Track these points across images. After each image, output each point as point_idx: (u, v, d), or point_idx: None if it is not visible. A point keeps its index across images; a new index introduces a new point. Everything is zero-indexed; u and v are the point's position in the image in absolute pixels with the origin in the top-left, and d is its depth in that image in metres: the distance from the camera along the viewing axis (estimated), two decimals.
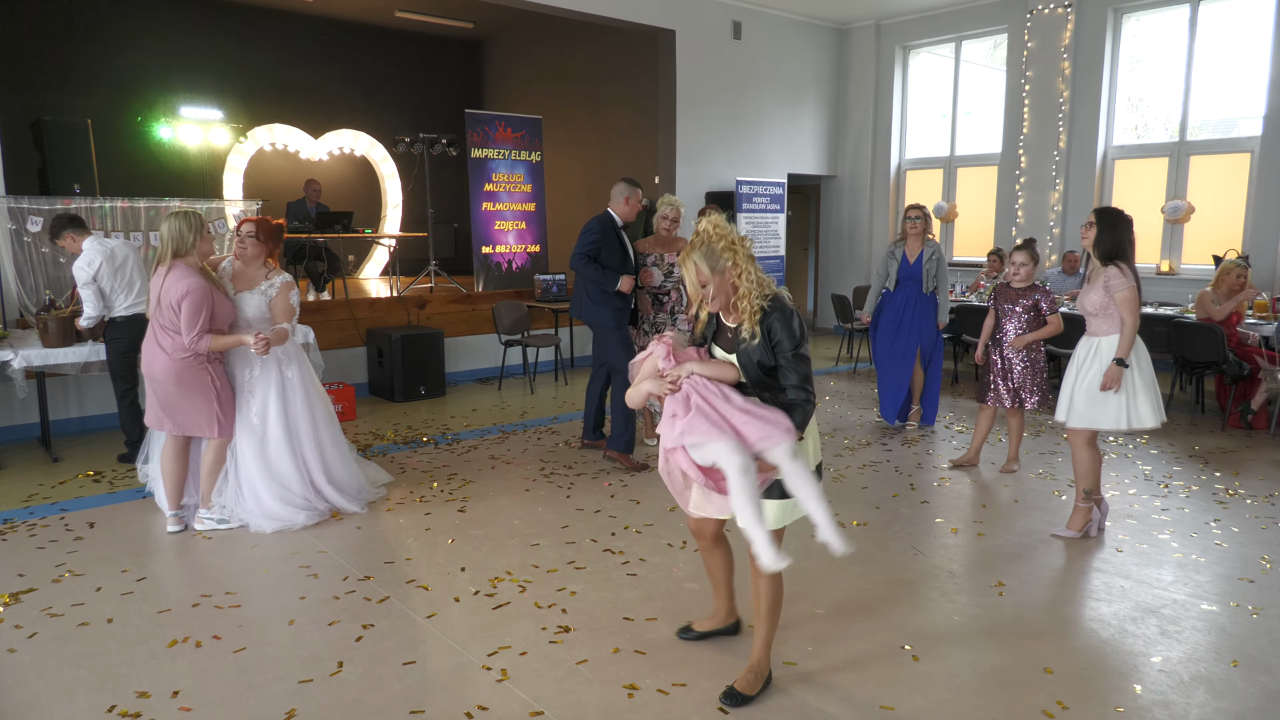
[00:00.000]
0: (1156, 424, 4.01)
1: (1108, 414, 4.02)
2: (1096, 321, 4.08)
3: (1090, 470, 4.16)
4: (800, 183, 11.93)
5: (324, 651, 3.13)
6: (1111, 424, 4.02)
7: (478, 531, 4.35)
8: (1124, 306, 3.95)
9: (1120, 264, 3.98)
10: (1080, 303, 4.16)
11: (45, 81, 10.16)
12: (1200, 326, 6.46)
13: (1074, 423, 4.13)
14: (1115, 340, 4.00)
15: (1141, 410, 4.00)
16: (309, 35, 12.13)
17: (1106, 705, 2.78)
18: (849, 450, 5.89)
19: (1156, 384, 4.06)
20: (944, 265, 6.16)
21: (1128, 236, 4.00)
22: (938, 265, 6.12)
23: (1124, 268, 3.97)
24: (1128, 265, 3.99)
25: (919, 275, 6.13)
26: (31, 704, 2.81)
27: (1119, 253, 3.99)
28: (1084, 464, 4.18)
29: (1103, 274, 4.00)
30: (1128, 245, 4.00)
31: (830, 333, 11.70)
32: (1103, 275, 4.00)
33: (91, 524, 4.45)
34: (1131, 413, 3.99)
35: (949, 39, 10.86)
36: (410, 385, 7.49)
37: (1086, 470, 4.17)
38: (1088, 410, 4.07)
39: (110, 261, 5.22)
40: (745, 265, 2.61)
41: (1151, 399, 4.01)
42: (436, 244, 9.66)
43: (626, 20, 9.36)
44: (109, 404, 6.15)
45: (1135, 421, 3.99)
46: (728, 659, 3.06)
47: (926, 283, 6.12)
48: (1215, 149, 8.85)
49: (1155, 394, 4.04)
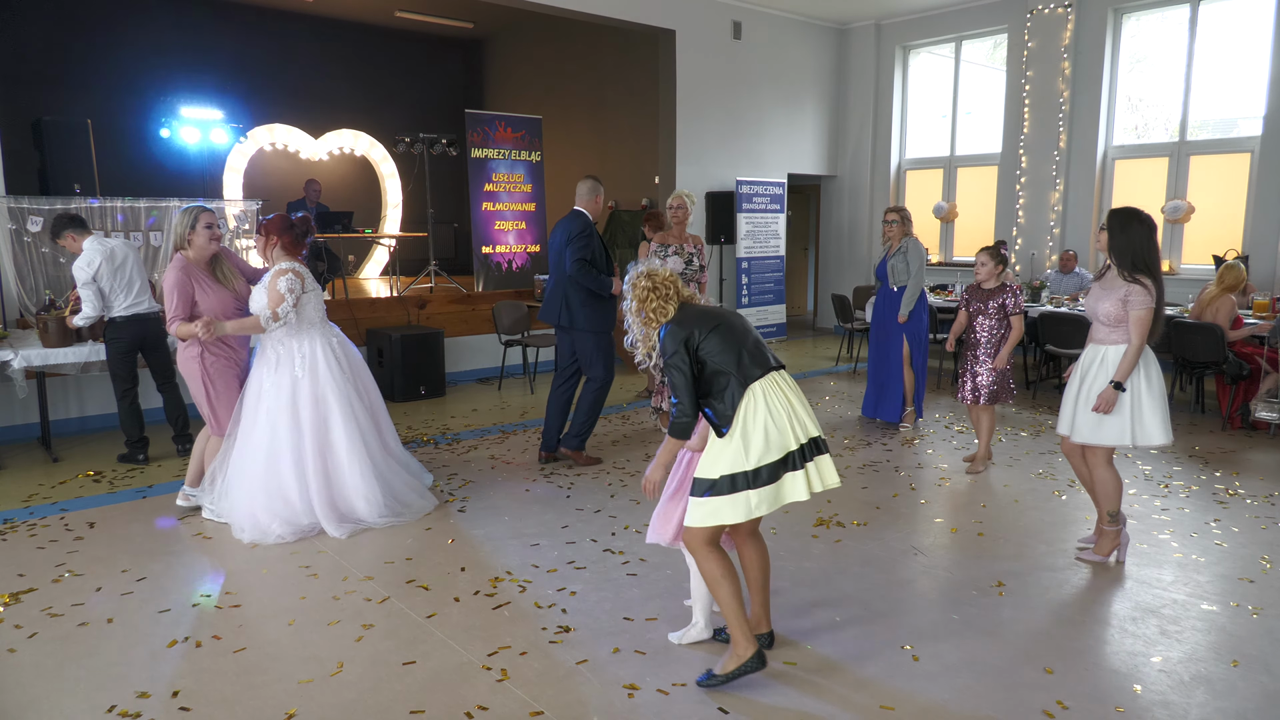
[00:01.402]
0: (1165, 441, 3.74)
1: (1111, 430, 3.77)
2: (1105, 330, 3.80)
3: (1114, 491, 3.88)
4: (800, 183, 11.94)
5: (324, 651, 3.13)
6: (1114, 440, 3.77)
7: (478, 531, 4.35)
8: (1136, 325, 3.66)
9: (1144, 278, 3.64)
10: (1091, 307, 3.86)
11: (45, 81, 10.16)
12: (1200, 326, 6.46)
13: (1077, 438, 3.90)
14: (1121, 351, 3.74)
15: (1148, 427, 3.73)
16: (309, 35, 12.13)
17: (1106, 705, 2.78)
18: (849, 450, 5.88)
19: (1166, 400, 3.80)
20: (915, 260, 6.14)
21: (1147, 240, 3.65)
22: (906, 260, 6.17)
23: (1149, 285, 3.64)
24: (1154, 280, 3.65)
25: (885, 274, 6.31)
26: (31, 704, 2.81)
27: (1141, 262, 3.65)
28: (1106, 485, 3.88)
29: (1124, 287, 3.68)
30: (1150, 250, 3.65)
31: (830, 333, 11.70)
32: (1124, 288, 3.67)
33: (91, 524, 4.45)
34: (1137, 429, 3.73)
35: (949, 39, 10.86)
36: (410, 385, 7.50)
37: (1109, 491, 3.88)
38: (1092, 425, 3.82)
39: (110, 261, 5.23)
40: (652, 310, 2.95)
41: (1160, 415, 3.74)
42: (436, 244, 9.67)
43: (626, 20, 9.36)
44: (109, 404, 6.15)
45: (1141, 439, 3.73)
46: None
47: (893, 279, 6.21)
48: (1215, 149, 8.85)
49: (1164, 410, 3.76)
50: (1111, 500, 3.89)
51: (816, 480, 2.82)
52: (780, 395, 2.83)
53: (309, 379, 4.30)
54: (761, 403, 2.80)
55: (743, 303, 10.63)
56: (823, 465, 2.85)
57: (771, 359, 2.89)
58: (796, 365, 9.33)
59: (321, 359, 4.35)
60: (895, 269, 6.20)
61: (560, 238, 5.41)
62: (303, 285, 4.27)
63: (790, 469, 2.78)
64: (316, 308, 4.40)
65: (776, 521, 4.45)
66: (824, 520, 4.48)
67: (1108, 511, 3.91)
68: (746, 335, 2.90)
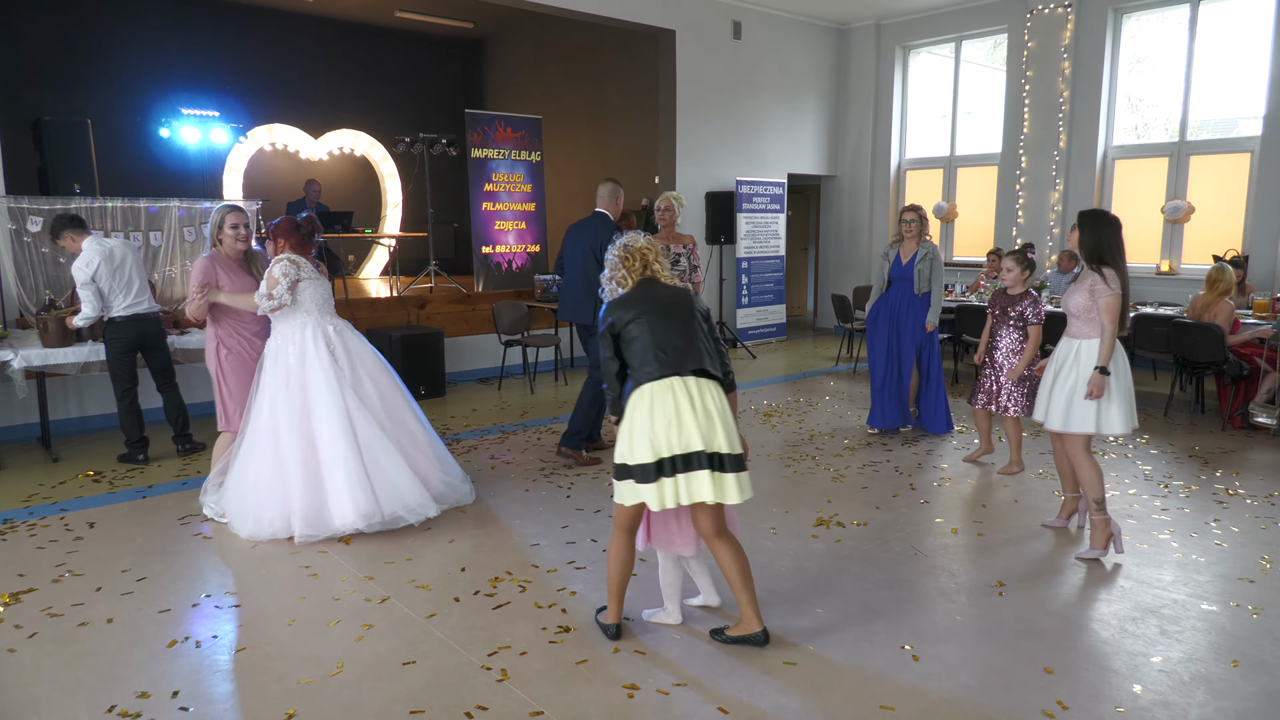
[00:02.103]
0: (1126, 430, 3.99)
1: (1080, 418, 4.00)
2: (1078, 324, 4.04)
3: (1095, 479, 4.03)
4: (800, 183, 11.94)
5: (324, 651, 3.13)
6: (1082, 427, 3.99)
7: (477, 531, 4.35)
8: (1106, 313, 3.91)
9: (1106, 269, 3.93)
10: (1064, 302, 4.13)
11: (45, 81, 10.16)
12: (1200, 326, 6.46)
13: (1050, 425, 4.13)
14: (1095, 345, 3.96)
15: (1113, 417, 3.96)
16: (309, 35, 12.13)
17: (1106, 705, 2.78)
18: (849, 450, 5.88)
19: (1132, 391, 4.02)
20: (938, 266, 6.06)
21: (1112, 238, 3.96)
22: (931, 266, 6.04)
23: (1109, 273, 3.93)
24: (1114, 270, 3.94)
25: (911, 276, 6.08)
26: (31, 704, 2.81)
27: (1103, 255, 3.95)
28: (1087, 473, 4.04)
29: (1089, 277, 3.97)
30: (1113, 247, 3.96)
31: (830, 333, 11.70)
32: (1089, 279, 3.97)
33: (91, 524, 4.45)
34: (1102, 418, 3.96)
35: (949, 39, 10.87)
36: (410, 385, 7.38)
37: (1092, 479, 4.03)
38: (1064, 413, 4.04)
39: (109, 261, 5.23)
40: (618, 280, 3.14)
41: (1125, 406, 3.98)
42: (436, 244, 9.67)
43: (626, 20, 9.36)
44: (109, 404, 6.15)
45: (1105, 427, 3.97)
46: (729, 659, 3.06)
47: (919, 284, 6.05)
48: (1215, 149, 8.85)
49: (1129, 401, 4.00)
50: (1095, 488, 4.04)
51: (684, 494, 2.89)
52: (669, 402, 2.87)
53: (299, 366, 4.23)
54: (645, 403, 2.89)
55: (743, 302, 10.63)
56: (696, 481, 2.87)
57: (688, 365, 2.91)
58: (797, 365, 9.33)
59: (311, 346, 4.25)
60: (921, 274, 6.03)
61: (586, 239, 5.40)
62: (298, 271, 4.26)
63: (665, 475, 2.88)
64: (314, 297, 4.32)
65: (776, 521, 4.45)
66: (824, 520, 4.48)
67: (1093, 500, 4.03)
68: (673, 335, 2.93)
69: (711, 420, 2.90)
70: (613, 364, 3.06)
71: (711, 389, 2.96)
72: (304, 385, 4.21)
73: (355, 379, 4.35)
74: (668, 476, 2.88)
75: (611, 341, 3.03)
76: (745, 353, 10.09)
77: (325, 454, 4.15)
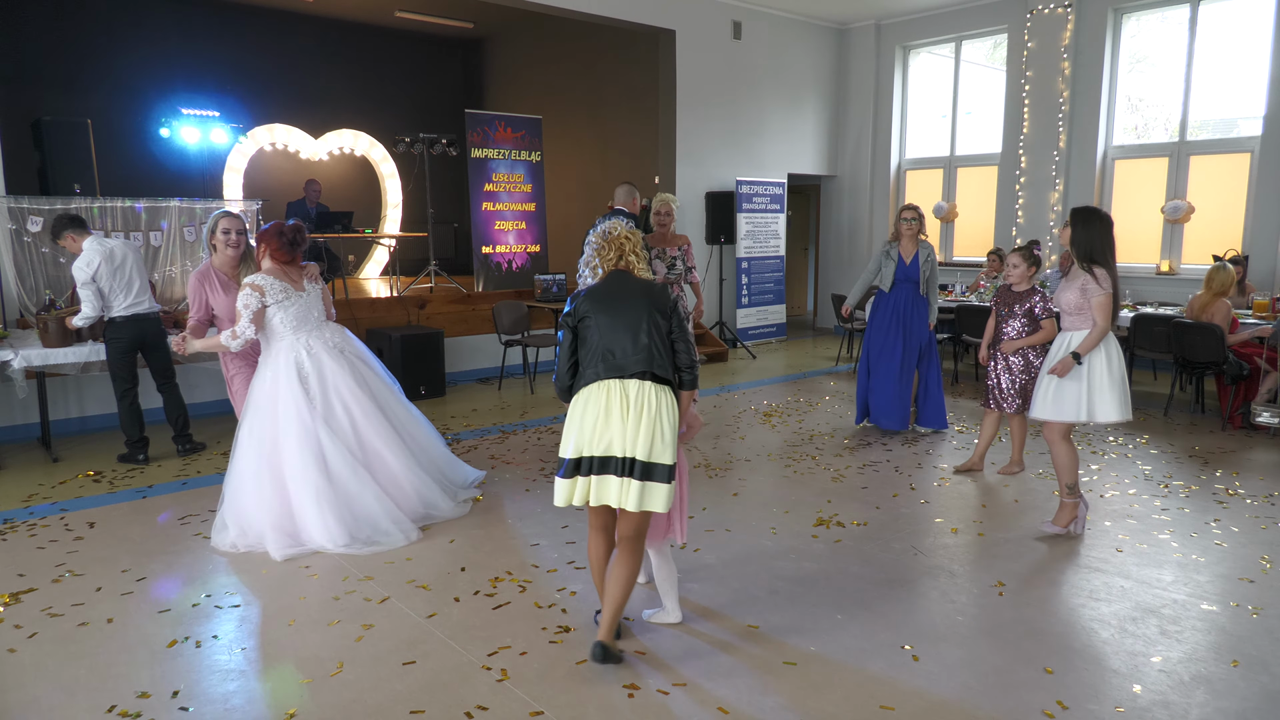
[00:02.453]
0: (1120, 419, 4.09)
1: (1068, 406, 4.13)
2: (1071, 319, 4.18)
3: (1069, 465, 4.22)
4: (800, 183, 11.94)
5: (324, 651, 3.13)
6: (1071, 415, 4.13)
7: (477, 531, 4.35)
8: (1098, 311, 4.05)
9: (1098, 269, 4.03)
10: (1057, 299, 4.26)
11: (45, 81, 10.16)
12: (1200, 326, 6.46)
13: (1036, 413, 4.26)
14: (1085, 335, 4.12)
15: (1105, 404, 4.07)
16: (309, 35, 12.13)
17: (1106, 705, 2.78)
18: (849, 450, 5.88)
19: (1126, 382, 4.13)
20: (935, 266, 6.14)
21: (1104, 236, 4.04)
22: (931, 267, 6.09)
23: (1101, 273, 4.03)
24: (1106, 270, 4.03)
25: (916, 277, 6.07)
26: (31, 704, 2.81)
27: (1095, 254, 4.04)
28: (1062, 459, 4.23)
29: (1081, 276, 4.08)
30: (1105, 246, 4.04)
31: (830, 333, 11.70)
32: (1081, 278, 4.08)
33: (91, 524, 4.45)
34: (1091, 405, 4.08)
35: (949, 39, 10.87)
36: (410, 385, 7.48)
37: (1066, 465, 4.22)
38: (1052, 402, 4.18)
39: (109, 261, 5.23)
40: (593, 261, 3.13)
41: (1118, 395, 4.08)
42: (436, 244, 9.67)
43: (626, 20, 9.36)
44: (109, 404, 6.15)
45: (1099, 415, 4.08)
46: (729, 660, 3.06)
47: (924, 284, 6.08)
48: (1215, 149, 8.85)
49: (1123, 390, 4.10)
50: (1068, 473, 4.22)
51: (593, 495, 2.90)
52: (601, 404, 2.87)
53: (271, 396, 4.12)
54: (581, 403, 2.92)
55: (743, 302, 10.63)
56: (605, 484, 2.87)
57: (631, 369, 2.88)
58: (797, 365, 9.33)
59: (284, 376, 4.10)
60: (924, 274, 6.05)
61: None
62: (261, 298, 4.06)
63: (581, 474, 2.89)
64: (288, 319, 4.14)
65: (776, 521, 4.45)
66: (824, 520, 4.48)
67: (1065, 484, 4.25)
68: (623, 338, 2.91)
69: (639, 426, 2.84)
70: (568, 356, 3.01)
71: (653, 393, 2.88)
72: (274, 417, 4.09)
73: (327, 407, 4.17)
74: (583, 476, 2.90)
75: (571, 332, 3.02)
76: (745, 352, 10.10)
77: (294, 486, 4.06)
